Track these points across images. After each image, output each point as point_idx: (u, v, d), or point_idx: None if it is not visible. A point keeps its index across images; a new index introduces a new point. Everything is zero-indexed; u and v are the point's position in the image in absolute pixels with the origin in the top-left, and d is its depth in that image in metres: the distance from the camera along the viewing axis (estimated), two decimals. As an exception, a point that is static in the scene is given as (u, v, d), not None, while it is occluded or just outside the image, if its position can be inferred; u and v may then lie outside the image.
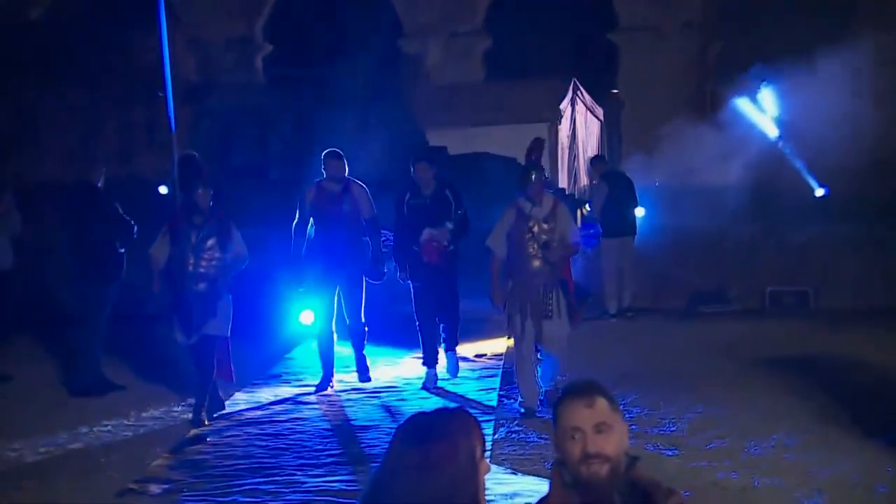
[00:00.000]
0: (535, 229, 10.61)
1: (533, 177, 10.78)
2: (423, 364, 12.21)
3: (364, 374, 12.36)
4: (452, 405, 3.41)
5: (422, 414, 3.53)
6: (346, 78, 22.39)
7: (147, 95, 18.39)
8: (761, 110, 21.60)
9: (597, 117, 24.59)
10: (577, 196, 21.99)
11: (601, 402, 3.83)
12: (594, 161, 18.11)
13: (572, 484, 3.81)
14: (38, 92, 19.16)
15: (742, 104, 21.78)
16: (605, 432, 3.78)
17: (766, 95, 21.44)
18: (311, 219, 11.93)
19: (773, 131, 21.15)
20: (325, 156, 12.05)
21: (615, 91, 20.97)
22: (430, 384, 12.01)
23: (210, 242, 10.58)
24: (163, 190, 13.27)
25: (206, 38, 22.78)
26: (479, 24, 23.18)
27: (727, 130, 20.02)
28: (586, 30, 21.23)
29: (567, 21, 21.76)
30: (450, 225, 11.78)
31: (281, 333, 14.15)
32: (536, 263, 10.59)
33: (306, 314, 13.08)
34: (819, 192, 20.38)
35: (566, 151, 24.53)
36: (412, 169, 12.00)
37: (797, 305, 16.48)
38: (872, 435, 9.38)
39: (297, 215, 12.07)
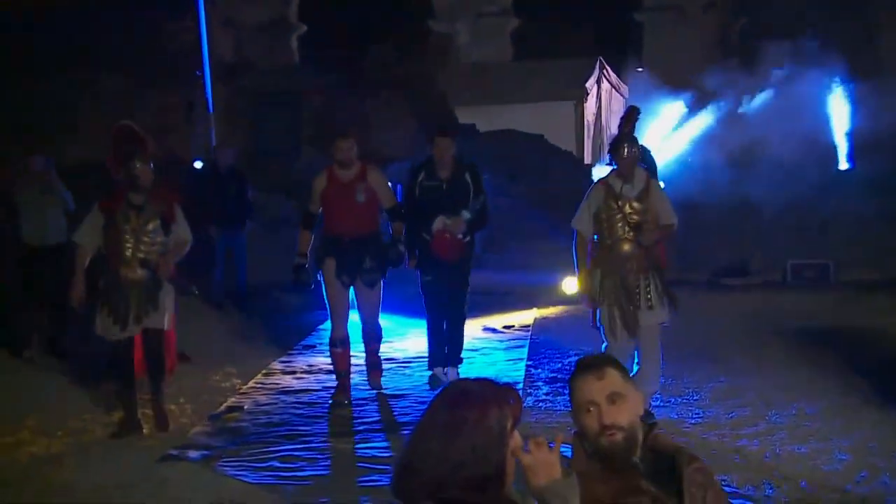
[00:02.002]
0: (627, 209, 9.06)
1: (625, 150, 9.09)
2: (429, 367, 10.84)
3: (374, 375, 10.55)
4: (486, 376, 3.48)
5: (465, 380, 3.56)
6: (378, 58, 22.42)
7: (182, 76, 18.47)
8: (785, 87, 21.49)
9: (622, 95, 24.56)
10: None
11: (612, 373, 3.83)
12: None
13: (593, 454, 3.84)
14: (76, 72, 19.25)
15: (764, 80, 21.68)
16: (618, 402, 3.78)
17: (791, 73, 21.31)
18: (322, 210, 10.13)
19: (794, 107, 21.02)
20: (333, 138, 10.30)
21: (640, 69, 20.89)
22: (434, 385, 10.45)
23: (152, 225, 9.09)
24: (197, 165, 13.03)
25: (241, 19, 22.82)
26: (507, 4, 23.15)
27: (749, 106, 19.93)
28: (612, 10, 21.13)
29: (593, 1, 21.67)
30: (467, 214, 10.19)
31: (315, 303, 14.21)
32: (627, 247, 9.08)
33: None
34: (843, 165, 20.26)
35: (592, 129, 24.53)
36: (432, 144, 10.55)
37: (818, 278, 16.40)
38: (892, 404, 9.37)
39: (303, 205, 10.58)
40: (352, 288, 10.16)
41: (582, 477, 3.71)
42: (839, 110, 20.18)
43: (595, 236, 9.25)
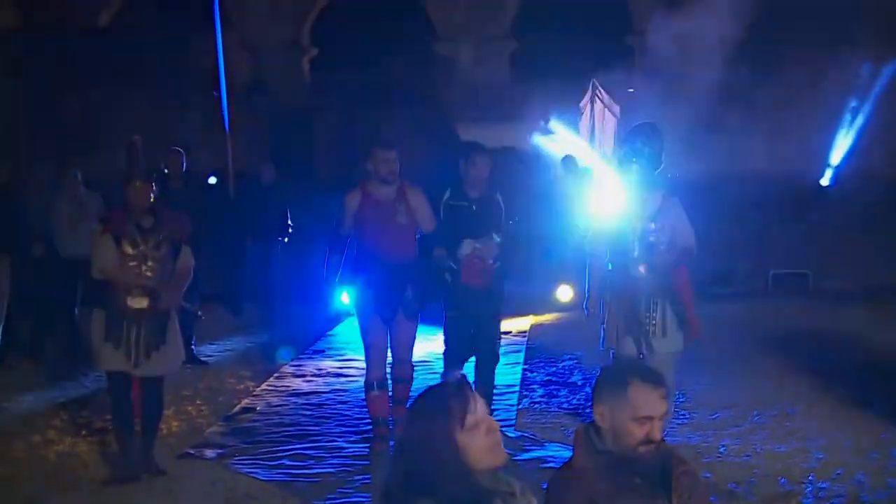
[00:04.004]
0: (639, 230, 7.94)
1: (633, 168, 7.99)
2: None
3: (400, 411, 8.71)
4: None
5: (439, 385, 3.54)
6: (386, 79, 22.48)
7: (204, 95, 18.51)
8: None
9: (613, 114, 24.51)
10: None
11: (665, 393, 3.88)
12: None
13: (607, 452, 3.83)
14: (106, 91, 19.36)
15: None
16: (664, 419, 3.86)
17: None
18: (354, 232, 8.61)
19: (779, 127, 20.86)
20: (373, 149, 8.57)
21: (631, 90, 20.88)
22: None
23: (163, 249, 7.88)
24: (212, 180, 12.79)
25: (258, 43, 22.84)
26: (507, 28, 23.13)
27: (735, 124, 19.83)
28: (605, 34, 21.13)
29: (588, 24, 21.67)
30: (497, 238, 8.62)
31: (324, 312, 14.32)
32: (641, 270, 7.96)
33: (347, 294, 13.20)
34: (824, 181, 20.13)
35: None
36: (464, 163, 8.75)
37: (798, 287, 16.39)
38: (866, 405, 9.44)
39: (334, 225, 8.82)
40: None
41: (584, 472, 3.75)
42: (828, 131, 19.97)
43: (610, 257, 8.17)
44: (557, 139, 19.35)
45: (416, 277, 8.55)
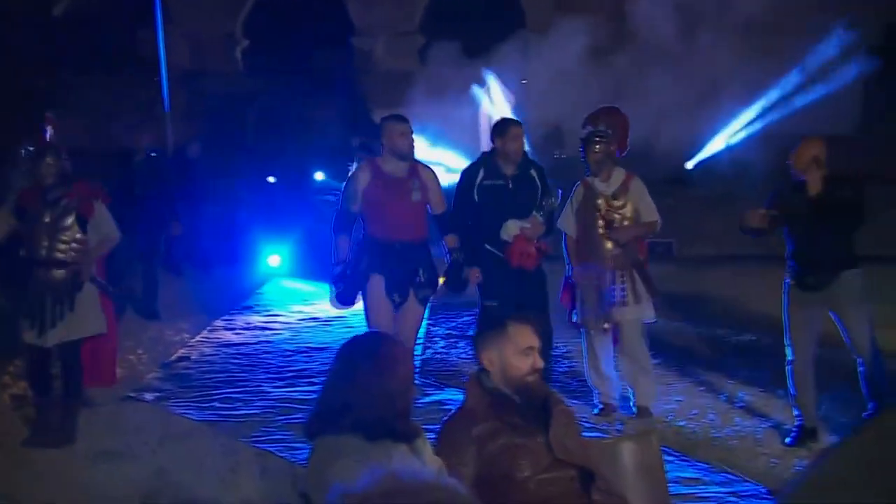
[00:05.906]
0: (604, 207, 7.60)
1: (595, 146, 7.54)
2: None
3: None
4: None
5: (369, 334, 3.74)
6: (311, 68, 22.40)
7: (149, 79, 18.30)
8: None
9: (508, 101, 24.58)
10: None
11: (537, 329, 4.06)
12: None
13: (497, 390, 3.94)
14: (62, 74, 19.03)
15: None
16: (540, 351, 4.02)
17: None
18: (362, 211, 7.43)
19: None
20: (385, 121, 7.45)
21: (524, 81, 20.95)
22: None
23: (68, 221, 7.19)
24: (153, 154, 12.49)
25: (196, 33, 22.54)
26: (415, 26, 23.15)
27: (624, 106, 19.97)
28: (501, 28, 21.13)
29: (487, 23, 21.67)
30: (539, 217, 7.67)
31: (253, 272, 14.33)
32: (608, 245, 7.57)
33: (273, 257, 13.15)
34: (690, 164, 20.36)
35: (486, 135, 24.54)
36: (500, 139, 7.68)
37: (664, 254, 16.58)
38: (718, 355, 9.64)
39: (340, 205, 7.53)
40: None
41: (472, 412, 3.82)
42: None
43: (577, 235, 7.74)
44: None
45: (427, 259, 7.54)
